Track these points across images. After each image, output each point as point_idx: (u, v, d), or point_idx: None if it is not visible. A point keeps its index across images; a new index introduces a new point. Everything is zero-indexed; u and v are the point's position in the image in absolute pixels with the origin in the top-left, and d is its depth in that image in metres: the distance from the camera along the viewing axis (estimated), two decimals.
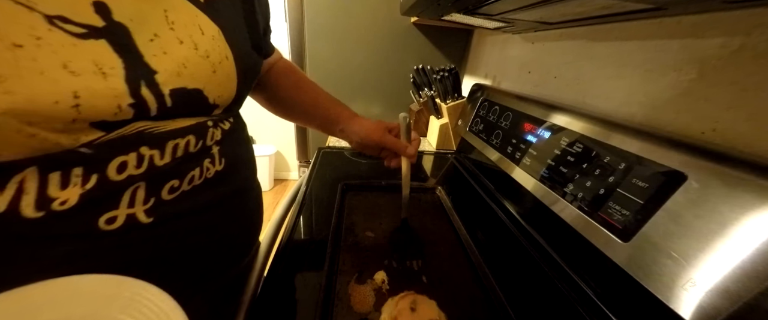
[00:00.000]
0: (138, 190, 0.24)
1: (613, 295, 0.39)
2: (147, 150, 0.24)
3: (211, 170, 0.30)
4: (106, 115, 0.21)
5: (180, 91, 0.25)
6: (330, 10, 1.08)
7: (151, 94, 0.23)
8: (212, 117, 0.31)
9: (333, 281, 0.43)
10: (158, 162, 0.25)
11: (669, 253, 0.31)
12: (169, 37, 0.24)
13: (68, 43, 0.19)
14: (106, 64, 0.21)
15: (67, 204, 0.21)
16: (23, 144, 0.19)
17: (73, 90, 0.19)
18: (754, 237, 0.26)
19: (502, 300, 0.42)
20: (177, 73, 0.25)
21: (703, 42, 0.40)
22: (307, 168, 0.80)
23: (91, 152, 0.22)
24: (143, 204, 0.25)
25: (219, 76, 0.29)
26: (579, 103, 0.60)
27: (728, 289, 0.27)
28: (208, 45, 0.27)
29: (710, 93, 0.39)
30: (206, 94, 0.28)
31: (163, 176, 0.26)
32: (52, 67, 0.19)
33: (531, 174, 0.55)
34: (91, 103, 0.20)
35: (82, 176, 0.21)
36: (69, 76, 0.19)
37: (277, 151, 2.35)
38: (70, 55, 0.19)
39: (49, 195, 0.21)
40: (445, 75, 0.94)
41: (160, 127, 0.25)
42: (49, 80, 0.19)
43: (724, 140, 0.37)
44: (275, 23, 1.65)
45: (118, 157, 0.23)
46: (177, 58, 0.25)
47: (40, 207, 0.21)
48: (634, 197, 0.36)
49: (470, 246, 0.52)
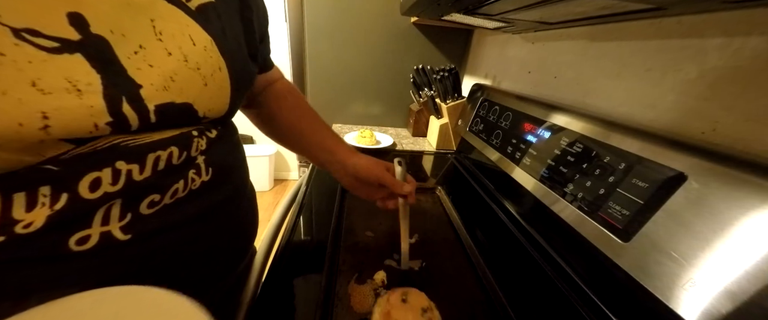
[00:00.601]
0: (112, 207, 0.23)
1: (613, 295, 0.39)
2: (124, 164, 0.22)
3: (197, 181, 0.28)
4: (79, 134, 0.20)
5: (167, 106, 0.24)
6: (330, 10, 1.08)
7: (132, 111, 0.22)
8: (197, 126, 0.29)
9: (333, 281, 0.43)
10: (137, 177, 0.23)
11: (669, 253, 0.31)
12: (155, 49, 0.23)
13: (38, 59, 0.17)
14: (82, 81, 0.19)
15: (31, 227, 0.19)
16: None
17: (40, 110, 0.18)
18: (754, 237, 0.26)
19: (502, 300, 0.42)
20: (164, 86, 0.23)
21: (703, 42, 0.40)
22: (307, 168, 0.80)
23: (59, 169, 0.20)
24: (119, 221, 0.23)
25: (211, 89, 0.27)
26: (579, 103, 0.60)
27: (728, 289, 0.27)
28: (199, 56, 0.26)
29: (710, 93, 0.39)
30: (196, 108, 0.26)
31: (142, 191, 0.24)
32: (16, 85, 0.17)
33: (531, 174, 0.55)
34: (62, 123, 0.19)
35: (50, 196, 0.20)
36: (37, 94, 0.18)
37: (277, 151, 2.34)
38: (39, 72, 0.18)
39: (12, 217, 0.19)
40: (445, 75, 0.94)
41: (138, 140, 0.23)
42: (12, 101, 0.17)
43: (724, 140, 0.37)
44: (275, 23, 1.65)
45: (91, 173, 0.21)
46: (164, 70, 0.23)
47: (0, 231, 0.19)
48: (634, 197, 0.36)
49: (470, 246, 0.52)
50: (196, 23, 0.26)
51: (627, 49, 0.51)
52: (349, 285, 0.43)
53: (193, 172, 0.28)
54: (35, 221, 0.20)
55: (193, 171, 0.28)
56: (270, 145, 2.30)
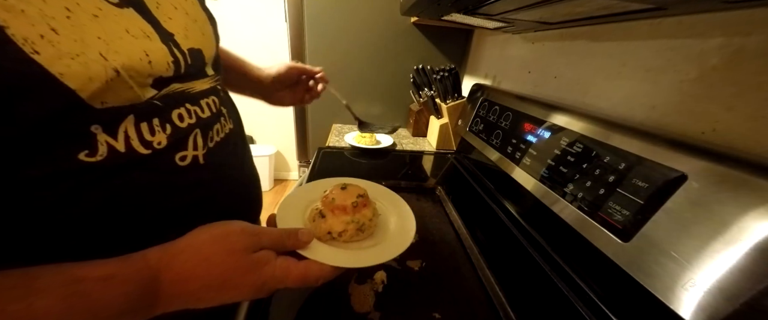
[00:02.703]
0: (197, 136, 0.31)
1: (613, 295, 0.39)
2: (190, 106, 0.30)
3: (226, 127, 0.36)
4: (162, 71, 0.26)
5: (192, 51, 0.30)
6: (330, 10, 1.08)
7: (178, 53, 0.28)
8: (215, 80, 0.36)
9: (333, 281, 0.43)
10: (201, 115, 0.31)
11: (669, 253, 0.31)
12: (167, 5, 0.29)
13: (116, 13, 0.23)
14: (146, 29, 0.25)
15: (161, 144, 0.27)
16: (124, 96, 0.24)
17: (142, 49, 0.24)
18: (754, 237, 0.26)
19: (502, 300, 0.42)
20: (185, 35, 0.30)
21: (703, 42, 0.40)
22: (307, 168, 0.80)
23: (161, 104, 0.27)
24: (202, 149, 0.31)
25: (206, 37, 0.34)
26: (579, 103, 0.60)
27: (728, 289, 0.27)
28: (191, 10, 0.32)
29: (710, 93, 0.39)
30: (204, 53, 0.33)
31: (207, 126, 0.32)
32: (122, 32, 0.23)
33: (531, 174, 0.55)
34: (155, 60, 0.25)
35: (160, 125, 0.27)
36: (132, 39, 0.24)
37: (277, 151, 2.35)
38: (124, 22, 0.23)
39: (146, 140, 0.26)
40: (445, 75, 0.94)
41: (190, 89, 0.31)
42: (128, 42, 0.23)
43: (724, 140, 0.37)
44: (275, 23, 1.64)
45: (176, 109, 0.29)
46: (179, 22, 0.30)
47: (146, 147, 0.26)
48: (634, 197, 0.36)
49: (470, 246, 0.52)
50: None
51: (627, 49, 0.51)
52: (349, 285, 0.43)
53: (223, 119, 0.36)
54: (161, 141, 0.27)
55: (223, 118, 0.36)
56: (270, 145, 2.30)
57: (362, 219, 0.37)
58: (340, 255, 0.34)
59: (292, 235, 0.32)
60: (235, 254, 0.27)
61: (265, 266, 0.28)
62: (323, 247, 0.34)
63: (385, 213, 0.42)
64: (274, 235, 0.31)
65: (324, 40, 1.12)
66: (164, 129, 0.27)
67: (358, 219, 0.36)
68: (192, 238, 0.27)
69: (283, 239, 0.31)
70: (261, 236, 0.29)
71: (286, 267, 0.29)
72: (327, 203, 0.37)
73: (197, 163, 0.31)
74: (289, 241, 0.31)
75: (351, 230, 0.36)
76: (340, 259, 0.32)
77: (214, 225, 0.28)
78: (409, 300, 0.42)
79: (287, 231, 0.32)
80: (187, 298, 0.25)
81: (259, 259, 0.28)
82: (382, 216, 0.41)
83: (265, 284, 0.28)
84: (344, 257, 0.33)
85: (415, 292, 0.44)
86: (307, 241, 0.32)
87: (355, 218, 0.36)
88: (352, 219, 0.36)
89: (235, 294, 0.27)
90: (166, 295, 0.24)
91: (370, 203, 0.39)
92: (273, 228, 0.33)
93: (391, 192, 0.46)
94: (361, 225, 0.36)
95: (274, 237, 0.31)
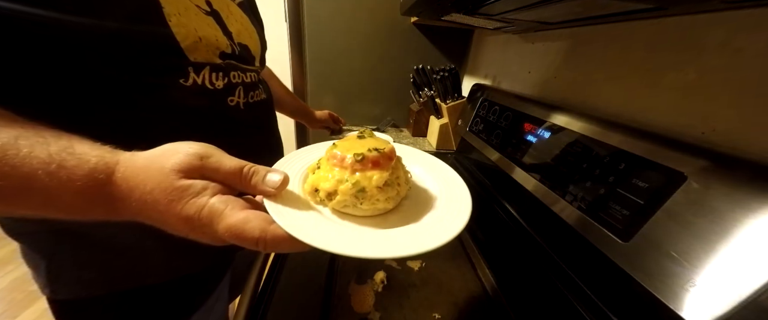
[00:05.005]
0: (241, 90, 0.43)
1: (613, 295, 0.39)
2: (240, 73, 0.44)
3: (261, 95, 0.49)
4: (223, 48, 0.40)
5: (240, 44, 0.45)
6: (330, 11, 1.07)
7: (233, 43, 0.43)
8: (259, 69, 0.52)
9: (333, 281, 0.43)
10: (245, 80, 0.45)
11: (669, 253, 0.31)
12: (231, 18, 0.44)
13: (205, 15, 0.39)
14: (217, 27, 0.40)
15: (220, 87, 0.40)
16: (205, 56, 0.38)
17: (214, 35, 0.39)
18: (754, 237, 0.26)
19: (502, 300, 0.42)
20: (238, 34, 0.45)
21: (703, 42, 0.40)
22: None
23: (224, 66, 0.40)
24: (243, 98, 0.44)
25: (253, 40, 0.49)
26: (579, 103, 0.60)
27: (728, 289, 0.27)
28: (244, 22, 0.48)
29: (710, 93, 0.39)
30: (250, 48, 0.47)
31: (247, 88, 0.45)
32: (205, 24, 0.38)
33: (531, 174, 0.55)
34: (220, 41, 0.40)
35: (223, 77, 0.40)
36: (210, 28, 0.39)
37: None
38: (207, 20, 0.39)
39: (213, 82, 0.39)
40: (445, 75, 0.94)
41: (242, 66, 0.44)
42: (208, 29, 0.38)
43: (724, 140, 0.37)
44: (275, 23, 1.66)
45: (232, 71, 0.42)
46: (236, 27, 0.44)
47: (212, 86, 0.39)
48: (634, 197, 0.36)
49: (470, 247, 0.52)
50: (240, 10, 0.48)
51: (627, 49, 0.51)
52: (349, 285, 0.43)
53: (259, 90, 0.49)
54: (220, 85, 0.40)
55: (259, 89, 0.49)
56: None
57: (365, 183, 0.27)
58: (317, 226, 0.24)
59: (256, 173, 0.25)
60: (163, 172, 0.23)
61: (192, 197, 0.22)
62: (299, 207, 0.25)
63: (425, 190, 0.33)
64: (225, 166, 0.24)
65: (324, 41, 1.12)
66: (224, 79, 0.40)
67: (358, 181, 0.26)
68: (158, 147, 0.25)
69: (238, 174, 0.24)
70: (207, 161, 0.24)
71: (218, 210, 0.22)
72: (329, 152, 0.29)
73: (239, 107, 0.43)
74: (245, 178, 0.24)
75: (344, 193, 0.26)
76: (309, 233, 0.22)
77: (182, 141, 0.25)
78: (409, 300, 0.42)
79: (251, 166, 0.25)
80: (139, 208, 0.23)
81: (185, 187, 0.22)
82: (418, 192, 0.32)
83: (189, 220, 0.22)
84: (318, 231, 0.23)
85: (415, 292, 0.44)
86: (272, 186, 0.25)
87: (353, 178, 0.27)
88: (349, 179, 0.27)
89: (168, 221, 0.23)
90: (120, 196, 0.23)
91: (391, 166, 0.29)
92: (234, 159, 0.26)
93: (446, 166, 0.35)
94: (360, 189, 0.26)
95: (225, 168, 0.24)
